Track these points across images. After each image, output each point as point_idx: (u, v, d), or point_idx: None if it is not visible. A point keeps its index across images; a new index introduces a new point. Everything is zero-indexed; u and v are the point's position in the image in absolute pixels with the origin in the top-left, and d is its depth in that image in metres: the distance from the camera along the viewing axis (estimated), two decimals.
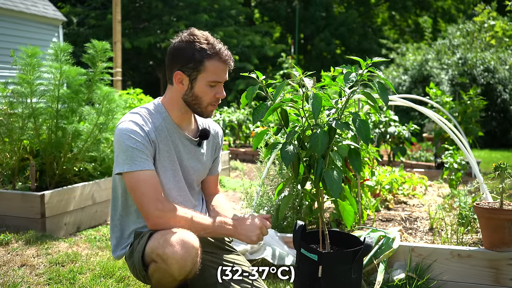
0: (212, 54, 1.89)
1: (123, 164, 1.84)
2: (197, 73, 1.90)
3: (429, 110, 3.37)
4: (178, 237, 1.75)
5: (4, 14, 9.97)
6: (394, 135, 5.84)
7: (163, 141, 1.95)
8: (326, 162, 1.85)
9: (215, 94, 1.93)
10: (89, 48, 3.83)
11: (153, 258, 1.77)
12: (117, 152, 1.87)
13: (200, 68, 1.89)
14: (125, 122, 1.89)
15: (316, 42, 22.57)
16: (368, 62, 1.86)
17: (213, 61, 1.89)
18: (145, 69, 20.92)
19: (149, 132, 1.89)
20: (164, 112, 1.99)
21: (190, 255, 1.74)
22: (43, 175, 3.68)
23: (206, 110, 1.97)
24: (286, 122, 1.97)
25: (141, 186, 1.83)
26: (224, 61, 1.91)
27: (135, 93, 5.28)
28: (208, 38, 1.92)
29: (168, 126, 1.98)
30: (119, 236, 2.03)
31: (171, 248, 1.72)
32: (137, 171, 1.83)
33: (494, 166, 2.35)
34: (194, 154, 2.07)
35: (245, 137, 8.86)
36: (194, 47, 1.88)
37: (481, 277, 2.38)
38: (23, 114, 3.59)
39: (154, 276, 1.80)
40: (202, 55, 1.88)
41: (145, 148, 1.85)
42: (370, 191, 3.58)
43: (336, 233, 2.14)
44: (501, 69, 12.18)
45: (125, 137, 1.84)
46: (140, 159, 1.83)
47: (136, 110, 1.97)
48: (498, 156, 9.31)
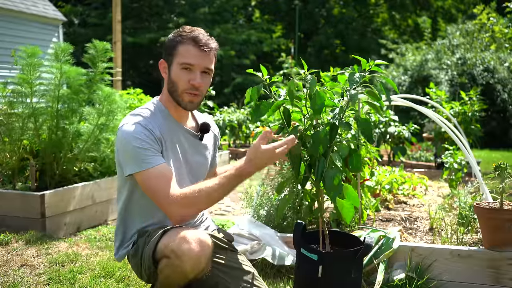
0: (185, 39, 1.93)
1: (133, 165, 1.84)
2: (172, 58, 1.95)
3: (429, 110, 3.37)
4: (195, 235, 1.76)
5: (4, 14, 9.97)
6: (394, 135, 5.85)
7: (168, 139, 1.96)
8: (327, 161, 1.85)
9: (189, 80, 1.93)
10: (90, 48, 3.83)
11: (166, 254, 1.76)
12: (124, 154, 1.87)
13: (174, 52, 1.94)
14: (128, 124, 1.89)
15: (315, 41, 22.58)
16: (371, 63, 1.86)
17: (186, 45, 1.93)
18: (145, 69, 20.95)
19: (153, 130, 1.89)
20: (164, 110, 2.00)
21: (205, 254, 1.75)
22: (43, 175, 3.68)
23: (183, 98, 1.96)
24: (288, 121, 1.97)
25: (153, 182, 1.83)
26: (198, 46, 1.93)
27: (135, 93, 5.28)
28: (193, 29, 1.97)
29: (170, 124, 1.99)
30: (122, 238, 2.03)
31: (187, 245, 1.73)
32: (147, 169, 1.83)
33: (494, 166, 2.35)
34: (197, 149, 2.09)
35: (245, 137, 8.86)
36: (175, 35, 1.96)
37: (481, 277, 2.38)
38: (23, 114, 3.59)
39: (164, 272, 1.79)
40: (177, 41, 1.94)
41: (151, 146, 1.86)
42: (370, 191, 3.58)
43: (336, 233, 2.14)
44: (500, 69, 12.18)
45: (130, 138, 1.84)
46: (148, 157, 1.84)
47: (137, 112, 1.97)
48: (498, 156, 9.31)
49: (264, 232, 2.81)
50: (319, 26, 23.34)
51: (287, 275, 2.61)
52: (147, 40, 17.50)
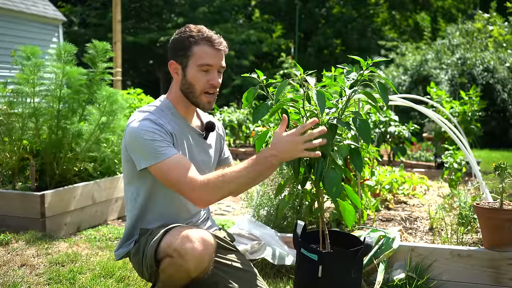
0: (200, 39, 1.92)
1: (148, 158, 1.83)
2: (187, 60, 1.93)
3: (429, 110, 3.37)
4: (198, 234, 1.76)
5: (4, 14, 9.97)
6: (394, 135, 5.85)
7: (178, 136, 1.96)
8: (326, 161, 1.85)
9: (208, 81, 1.93)
10: (90, 48, 3.82)
11: (169, 253, 1.76)
12: (135, 149, 1.87)
13: (189, 54, 1.92)
14: (137, 120, 1.89)
15: (315, 40, 22.57)
16: (369, 62, 1.85)
17: (201, 46, 1.92)
18: (145, 69, 20.95)
19: (164, 125, 1.89)
20: (172, 108, 2.00)
21: (208, 253, 1.76)
22: (43, 175, 3.68)
23: (201, 99, 1.96)
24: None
25: (174, 172, 1.81)
26: (213, 46, 1.92)
27: (135, 93, 5.27)
28: (201, 28, 1.96)
29: (178, 121, 1.99)
30: (125, 238, 2.04)
31: (191, 244, 1.73)
32: (164, 160, 1.81)
33: (494, 166, 2.35)
34: (202, 148, 2.09)
35: (245, 137, 8.86)
36: (184, 35, 1.94)
37: (481, 277, 2.38)
38: (23, 114, 3.59)
39: (166, 271, 1.79)
40: (190, 41, 1.92)
41: (163, 138, 1.85)
42: (370, 191, 3.58)
43: (336, 233, 2.14)
44: (500, 68, 12.18)
45: (141, 132, 1.84)
46: (162, 148, 1.83)
47: (145, 108, 1.97)
48: (498, 156, 9.30)
49: (264, 232, 2.81)
50: (319, 26, 23.34)
51: (287, 275, 2.61)
52: (147, 40, 17.50)
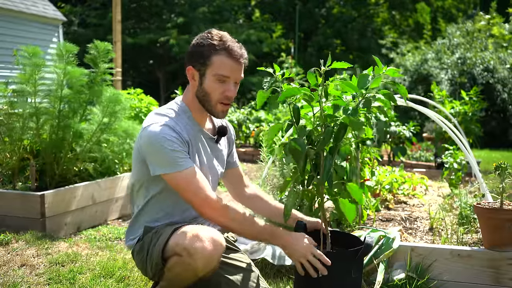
0: (220, 50, 1.91)
1: (165, 166, 1.84)
2: (205, 68, 1.92)
3: (429, 110, 3.37)
4: (208, 234, 1.77)
5: (4, 14, 9.96)
6: (395, 135, 5.85)
7: (193, 142, 1.97)
8: (333, 159, 1.87)
9: (223, 91, 1.93)
10: (91, 48, 3.82)
11: (177, 252, 1.76)
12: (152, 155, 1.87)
13: (208, 63, 1.91)
14: (155, 124, 1.88)
15: (315, 40, 22.57)
16: (385, 68, 1.88)
17: (221, 56, 1.91)
18: (145, 69, 20.95)
19: (181, 133, 1.90)
20: (188, 112, 2.00)
21: (217, 253, 1.76)
22: (43, 175, 3.68)
23: (216, 108, 1.97)
24: (297, 119, 1.98)
25: (191, 185, 1.84)
26: (233, 57, 1.92)
27: (135, 93, 5.27)
28: (223, 36, 1.94)
29: (193, 126, 2.00)
30: (130, 230, 2.06)
31: (200, 243, 1.73)
32: (180, 172, 1.83)
33: (495, 166, 2.35)
34: (214, 152, 2.10)
35: (245, 137, 8.85)
36: (205, 43, 1.92)
37: (481, 277, 2.38)
38: (24, 114, 3.59)
39: (173, 270, 1.79)
40: (210, 50, 1.91)
41: (181, 148, 1.86)
42: (370, 191, 3.58)
43: (337, 233, 2.15)
44: (500, 68, 12.18)
45: (160, 139, 1.84)
46: (180, 159, 1.84)
47: (163, 112, 1.96)
48: (498, 156, 9.30)
49: None
50: (319, 26, 23.33)
51: (287, 275, 2.61)
52: (147, 40, 17.49)
